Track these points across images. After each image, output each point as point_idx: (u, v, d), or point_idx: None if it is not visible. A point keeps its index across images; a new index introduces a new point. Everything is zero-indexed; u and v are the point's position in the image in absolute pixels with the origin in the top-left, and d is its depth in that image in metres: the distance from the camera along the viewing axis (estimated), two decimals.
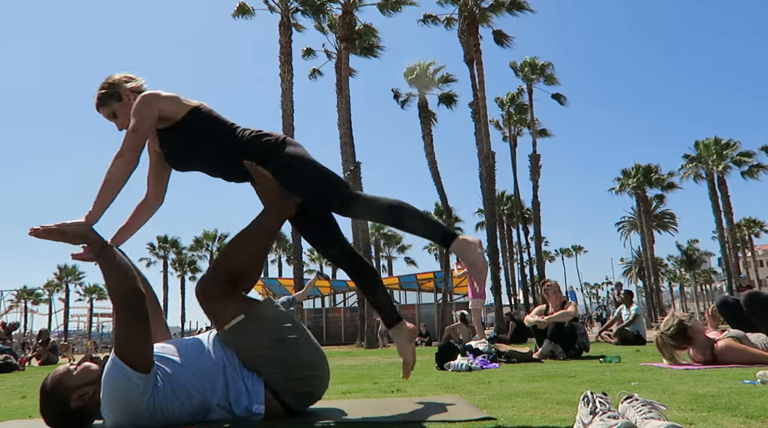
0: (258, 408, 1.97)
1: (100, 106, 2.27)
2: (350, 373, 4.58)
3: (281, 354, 2.00)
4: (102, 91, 2.26)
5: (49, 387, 1.95)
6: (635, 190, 38.15)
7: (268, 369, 2.00)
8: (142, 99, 2.13)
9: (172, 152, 2.22)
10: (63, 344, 16.50)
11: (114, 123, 2.28)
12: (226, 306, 2.01)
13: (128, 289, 1.92)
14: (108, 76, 2.28)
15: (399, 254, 49.62)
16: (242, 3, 19.23)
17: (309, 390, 2.11)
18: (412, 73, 21.32)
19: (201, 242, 45.23)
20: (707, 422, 1.71)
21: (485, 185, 18.97)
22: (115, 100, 2.24)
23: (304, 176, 2.14)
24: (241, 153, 2.15)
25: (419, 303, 24.63)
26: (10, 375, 7.42)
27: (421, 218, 2.17)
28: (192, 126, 2.17)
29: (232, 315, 1.99)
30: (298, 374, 2.03)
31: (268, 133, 2.20)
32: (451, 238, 2.14)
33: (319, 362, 2.12)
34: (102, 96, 2.26)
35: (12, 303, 51.29)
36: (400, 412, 2.12)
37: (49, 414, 1.95)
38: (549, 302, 5.88)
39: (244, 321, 1.99)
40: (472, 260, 2.12)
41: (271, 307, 2.09)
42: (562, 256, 66.91)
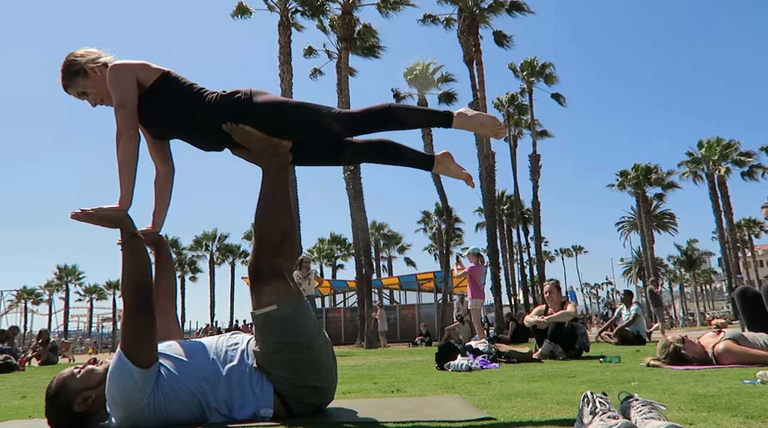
0: (266, 412, 1.95)
1: (67, 86, 2.21)
2: (350, 373, 4.58)
3: (299, 357, 1.98)
4: (67, 68, 2.19)
5: (53, 391, 1.96)
6: (635, 190, 38.16)
7: (280, 372, 1.98)
8: (115, 71, 2.10)
9: (149, 119, 2.17)
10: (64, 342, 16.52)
11: (86, 100, 2.23)
12: (268, 291, 2.00)
13: (140, 282, 1.94)
14: (68, 55, 2.21)
15: (399, 255, 49.64)
16: (241, 3, 19.23)
17: (317, 401, 2.10)
18: (412, 72, 21.32)
19: (201, 242, 45.22)
20: (707, 422, 1.71)
21: (485, 185, 18.98)
22: (81, 76, 2.18)
23: (285, 117, 2.10)
24: (214, 114, 2.11)
25: (419, 303, 24.61)
26: (10, 375, 7.42)
27: (415, 109, 2.22)
28: (163, 91, 2.13)
29: (267, 302, 1.99)
30: (311, 382, 2.02)
31: (236, 89, 2.16)
32: (449, 117, 2.15)
33: (331, 373, 2.11)
34: (67, 75, 2.19)
35: (12, 303, 51.31)
36: (400, 412, 2.12)
37: (53, 417, 1.96)
38: (549, 302, 5.88)
39: (274, 312, 1.97)
40: (478, 122, 2.15)
41: (304, 308, 2.06)
42: (562, 256, 66.88)
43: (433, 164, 2.32)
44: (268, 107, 2.11)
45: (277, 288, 2.01)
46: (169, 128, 2.23)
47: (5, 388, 4.85)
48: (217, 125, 2.12)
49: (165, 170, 2.36)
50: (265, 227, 2.08)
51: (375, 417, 2.03)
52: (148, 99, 2.13)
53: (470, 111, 2.16)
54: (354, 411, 2.16)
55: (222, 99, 2.12)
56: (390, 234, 47.85)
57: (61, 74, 2.21)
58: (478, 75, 19.33)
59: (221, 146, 2.23)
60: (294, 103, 2.15)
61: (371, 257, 21.55)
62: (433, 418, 1.94)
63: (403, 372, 4.49)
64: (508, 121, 28.79)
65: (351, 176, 17.17)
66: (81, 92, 2.21)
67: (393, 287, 27.08)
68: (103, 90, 2.18)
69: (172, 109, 2.15)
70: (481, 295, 9.56)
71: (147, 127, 2.21)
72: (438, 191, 19.53)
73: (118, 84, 2.09)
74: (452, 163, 2.33)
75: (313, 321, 2.08)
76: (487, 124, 2.17)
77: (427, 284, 25.08)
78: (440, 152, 2.33)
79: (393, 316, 22.10)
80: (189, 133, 2.22)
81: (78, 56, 2.20)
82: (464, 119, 2.14)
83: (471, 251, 9.67)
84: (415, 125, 2.23)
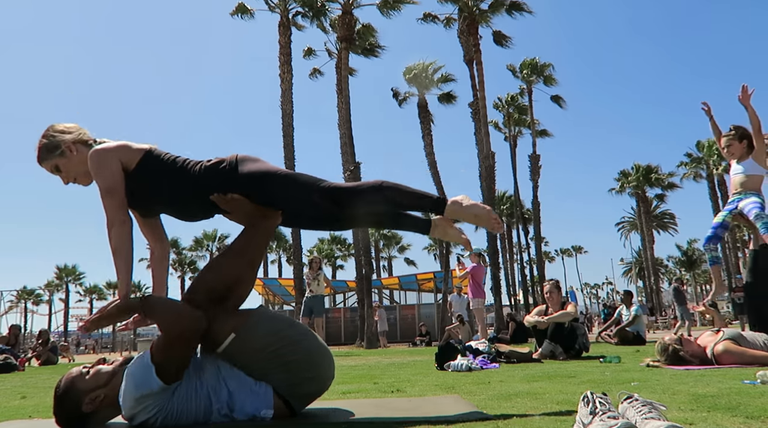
0: (267, 412, 1.96)
1: (42, 160, 2.17)
2: (350, 373, 4.58)
3: (288, 358, 1.99)
4: (42, 146, 2.16)
5: (62, 391, 1.97)
6: (635, 190, 38.17)
7: (277, 376, 1.99)
8: (97, 156, 2.08)
9: (135, 200, 2.15)
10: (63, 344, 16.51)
11: (59, 177, 2.20)
12: (217, 325, 1.96)
13: (180, 328, 1.89)
14: (48, 127, 2.19)
15: (399, 255, 49.69)
16: (241, 2, 19.24)
17: (317, 388, 2.12)
18: (411, 72, 21.32)
19: (201, 242, 45.26)
20: (707, 422, 1.71)
21: (485, 185, 18.98)
22: (58, 156, 2.15)
23: (272, 190, 2.08)
24: (199, 187, 2.09)
25: (419, 303, 24.64)
26: (10, 375, 7.42)
27: (407, 191, 2.10)
28: (147, 171, 2.12)
29: (225, 334, 1.96)
30: (308, 374, 2.03)
31: (221, 158, 2.13)
32: (442, 204, 2.10)
33: (324, 355, 2.10)
34: (43, 153, 2.16)
35: (12, 303, 51.33)
36: (400, 412, 2.12)
37: (61, 416, 1.97)
38: (549, 302, 5.88)
39: (237, 338, 1.96)
40: (473, 214, 2.09)
41: (265, 314, 2.06)
42: (562, 256, 66.92)
43: (430, 229, 2.22)
44: (254, 178, 2.08)
45: (223, 318, 1.99)
46: (157, 206, 2.23)
47: (5, 388, 4.85)
48: (203, 197, 2.10)
49: (160, 247, 2.36)
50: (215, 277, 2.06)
51: (375, 417, 2.03)
52: (132, 181, 2.11)
53: (466, 199, 2.10)
54: (353, 412, 2.16)
55: (206, 171, 2.10)
56: (390, 234, 47.87)
57: (37, 149, 2.17)
58: (478, 75, 19.35)
59: (211, 214, 2.22)
60: (282, 174, 2.11)
61: (371, 257, 21.57)
62: (433, 418, 1.94)
63: (403, 372, 4.49)
64: (508, 121, 28.80)
65: (351, 177, 17.17)
66: (54, 168, 2.18)
67: (393, 287, 27.11)
68: (78, 169, 2.17)
69: (157, 187, 2.13)
70: (482, 295, 9.57)
71: (134, 207, 2.20)
72: (438, 191, 19.51)
73: (102, 170, 2.07)
74: (450, 227, 2.21)
75: (278, 319, 2.08)
76: (483, 216, 2.09)
77: (427, 284, 25.11)
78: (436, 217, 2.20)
79: (393, 316, 22.11)
80: (177, 207, 2.22)
81: (57, 133, 2.17)
82: (458, 208, 2.09)
83: (472, 251, 9.68)
84: (404, 208, 2.17)
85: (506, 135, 28.99)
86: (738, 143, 4.51)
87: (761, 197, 4.39)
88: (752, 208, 4.29)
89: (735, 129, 4.57)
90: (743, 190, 4.43)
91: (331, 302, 26.23)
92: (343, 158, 17.60)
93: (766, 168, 4.49)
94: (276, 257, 46.00)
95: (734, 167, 4.56)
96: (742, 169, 4.49)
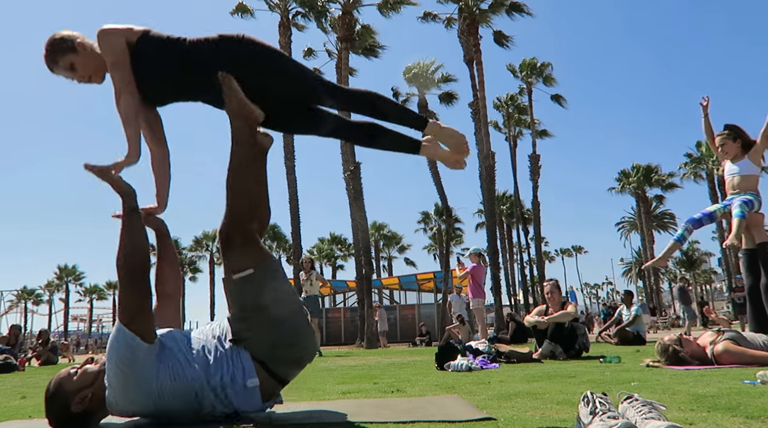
0: (252, 382, 1.96)
1: (55, 61, 2.20)
2: (350, 373, 4.58)
3: (275, 318, 2.00)
4: (54, 46, 2.19)
5: (51, 392, 1.98)
6: (635, 190, 38.16)
7: (256, 335, 1.99)
8: (104, 35, 2.13)
9: (141, 82, 2.17)
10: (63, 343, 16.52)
11: (71, 77, 2.24)
12: (241, 256, 2.01)
13: (135, 254, 1.96)
14: (52, 35, 2.22)
15: (399, 255, 49.63)
16: (241, 2, 19.24)
17: (299, 356, 2.10)
18: (411, 71, 21.31)
19: (201, 242, 45.21)
20: (707, 422, 1.71)
21: (485, 185, 18.97)
22: (71, 53, 2.19)
23: (270, 62, 2.11)
24: (213, 58, 2.09)
25: (419, 303, 24.62)
26: (10, 375, 7.42)
27: (396, 103, 2.24)
28: (149, 50, 2.15)
29: (244, 266, 1.99)
30: (288, 340, 2.03)
31: (228, 34, 2.14)
32: (424, 121, 2.21)
33: (308, 330, 2.12)
34: (57, 50, 2.19)
35: (12, 303, 51.33)
36: (400, 412, 2.12)
37: (52, 418, 1.99)
38: (550, 302, 5.89)
39: (252, 275, 1.99)
40: (449, 134, 2.19)
41: (277, 270, 2.08)
42: (562, 256, 66.88)
43: (419, 148, 2.24)
44: (251, 51, 2.11)
45: (251, 253, 2.03)
46: (165, 86, 2.23)
47: (5, 388, 4.85)
48: (191, 69, 2.13)
49: (160, 150, 2.37)
50: (235, 197, 2.08)
51: (375, 417, 2.03)
52: (138, 59, 2.15)
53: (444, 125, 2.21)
54: (354, 412, 2.16)
55: (222, 42, 2.11)
56: (390, 234, 47.84)
57: (46, 51, 2.20)
58: (478, 75, 19.33)
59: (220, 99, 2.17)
60: (280, 52, 2.19)
61: (371, 257, 21.55)
62: (433, 418, 1.94)
63: (403, 372, 4.49)
64: (508, 121, 28.79)
65: (351, 177, 17.17)
66: (70, 67, 2.21)
67: (393, 288, 27.09)
68: (92, 66, 2.21)
69: (150, 63, 2.16)
70: (482, 295, 9.57)
71: (142, 90, 2.20)
72: (438, 191, 19.52)
73: (108, 46, 2.13)
74: (438, 148, 2.23)
75: (287, 283, 2.11)
76: (456, 138, 2.19)
77: (427, 284, 25.09)
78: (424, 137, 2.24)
79: (393, 316, 22.10)
80: (187, 86, 2.22)
81: (65, 35, 2.21)
82: (437, 128, 2.19)
83: (472, 252, 9.68)
84: (390, 118, 2.23)
85: (506, 135, 29.01)
86: (732, 143, 4.50)
87: (757, 197, 4.39)
88: (741, 199, 4.31)
89: (729, 128, 4.56)
90: (739, 190, 4.44)
91: (331, 302, 26.23)
92: (342, 158, 17.59)
93: (760, 166, 4.50)
94: (276, 256, 45.94)
95: (729, 167, 4.55)
96: (737, 169, 4.48)
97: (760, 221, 4.45)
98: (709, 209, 4.57)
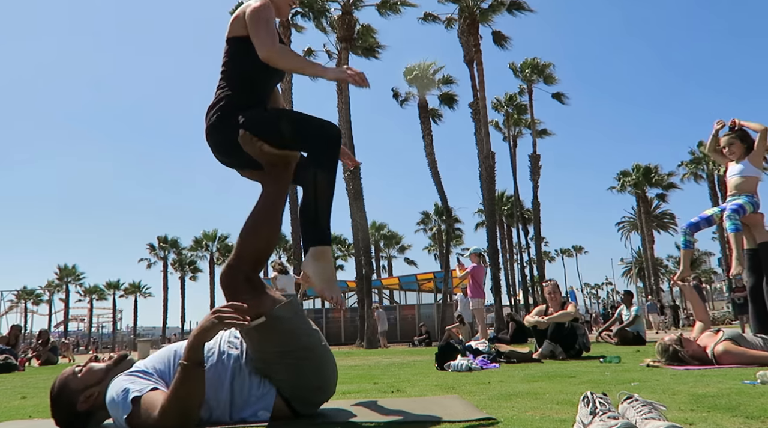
0: (264, 414, 1.94)
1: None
2: (350, 373, 4.58)
3: (299, 363, 1.96)
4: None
5: (56, 391, 1.97)
6: (635, 190, 38.16)
7: (281, 377, 1.96)
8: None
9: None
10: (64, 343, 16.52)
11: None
12: (252, 303, 1.89)
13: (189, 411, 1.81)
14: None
15: (399, 255, 49.63)
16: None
17: (321, 398, 2.10)
18: (411, 73, 21.30)
19: (201, 242, 45.20)
20: (707, 422, 1.71)
21: (485, 185, 18.97)
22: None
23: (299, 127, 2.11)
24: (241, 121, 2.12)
25: (419, 303, 24.61)
26: (10, 375, 7.42)
27: (325, 201, 2.08)
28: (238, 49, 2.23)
29: (255, 314, 1.89)
30: (313, 383, 2.00)
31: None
32: (306, 249, 2.08)
33: (332, 369, 2.09)
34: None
35: (12, 303, 51.32)
36: (400, 412, 2.12)
37: (58, 417, 1.98)
38: (551, 302, 5.89)
39: (265, 323, 1.90)
40: (314, 273, 2.04)
41: (293, 311, 1.99)
42: (562, 256, 66.82)
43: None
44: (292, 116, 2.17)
45: (260, 298, 1.96)
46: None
47: (5, 388, 4.85)
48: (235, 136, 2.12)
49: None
50: (257, 242, 2.06)
51: (375, 417, 2.03)
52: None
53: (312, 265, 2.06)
54: (354, 412, 2.16)
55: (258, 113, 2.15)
56: (390, 234, 47.85)
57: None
58: (478, 75, 19.33)
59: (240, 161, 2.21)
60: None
61: (371, 257, 21.55)
62: (433, 419, 1.94)
63: (403, 372, 4.49)
64: (508, 121, 28.78)
65: (351, 177, 17.17)
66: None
67: (393, 288, 27.07)
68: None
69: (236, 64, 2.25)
70: (482, 295, 9.57)
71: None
72: (438, 191, 19.53)
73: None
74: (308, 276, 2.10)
75: (304, 320, 2.06)
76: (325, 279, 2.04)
77: (427, 284, 25.07)
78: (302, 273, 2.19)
79: (393, 316, 22.09)
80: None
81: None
82: (307, 267, 2.07)
83: (473, 252, 9.68)
84: (315, 207, 2.08)
85: (506, 135, 28.99)
86: (740, 143, 4.53)
87: (753, 199, 4.40)
88: (730, 208, 4.35)
89: (736, 130, 4.59)
90: (738, 192, 4.45)
91: None
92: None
93: (761, 168, 4.51)
94: (276, 257, 45.99)
95: (732, 168, 4.57)
96: (738, 170, 4.50)
97: (760, 220, 4.46)
98: (706, 213, 4.61)
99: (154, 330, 62.34)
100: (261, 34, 2.11)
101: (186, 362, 1.79)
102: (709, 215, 4.57)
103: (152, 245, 45.30)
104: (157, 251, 45.36)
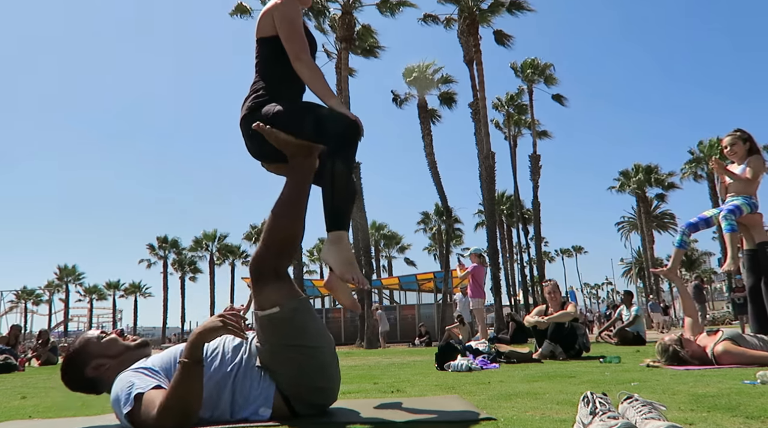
0: (265, 411, 1.93)
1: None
2: (350, 373, 4.58)
3: (304, 359, 1.96)
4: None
5: (73, 350, 2.02)
6: (635, 190, 38.16)
7: (285, 371, 1.96)
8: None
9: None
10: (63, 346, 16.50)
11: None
12: (271, 292, 1.96)
13: (188, 408, 1.79)
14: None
15: (399, 255, 49.64)
16: (240, 2, 19.24)
17: (321, 401, 2.08)
18: (411, 73, 21.28)
19: (201, 242, 45.18)
20: (707, 422, 1.71)
21: (485, 186, 18.96)
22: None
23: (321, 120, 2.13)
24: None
25: (419, 303, 24.63)
26: (10, 376, 7.42)
27: (344, 196, 2.11)
28: (270, 52, 2.30)
29: (271, 303, 1.94)
30: (316, 382, 2.00)
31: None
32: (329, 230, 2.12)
33: (336, 374, 2.10)
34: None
35: (12, 303, 51.34)
36: (400, 412, 2.12)
37: (66, 376, 2.02)
38: (551, 302, 5.89)
39: (278, 313, 1.94)
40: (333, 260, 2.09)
41: (307, 309, 2.04)
42: (562, 256, 66.92)
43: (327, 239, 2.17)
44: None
45: (280, 289, 1.98)
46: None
47: (5, 388, 4.85)
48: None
49: None
50: (281, 230, 2.07)
51: (374, 417, 2.03)
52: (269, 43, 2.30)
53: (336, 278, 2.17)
54: (355, 412, 2.15)
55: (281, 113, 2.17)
56: (390, 234, 47.85)
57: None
58: (478, 75, 19.32)
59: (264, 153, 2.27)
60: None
61: (371, 257, 21.55)
62: (433, 419, 1.94)
63: (403, 373, 4.49)
64: (508, 121, 28.78)
65: None
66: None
67: (393, 288, 27.08)
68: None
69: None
70: (482, 295, 9.58)
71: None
72: (438, 191, 19.52)
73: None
74: (337, 283, 2.23)
75: (318, 320, 2.07)
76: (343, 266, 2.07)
77: (427, 284, 25.09)
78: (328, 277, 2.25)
79: (393, 316, 22.09)
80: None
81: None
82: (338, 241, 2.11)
83: (473, 252, 9.68)
84: (328, 191, 2.12)
85: (506, 135, 28.99)
86: (742, 145, 4.53)
87: (751, 200, 4.40)
88: (726, 209, 4.36)
89: (740, 131, 4.59)
90: (736, 194, 4.46)
91: (331, 302, 26.19)
92: None
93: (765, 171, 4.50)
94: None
95: (732, 169, 4.57)
96: (738, 172, 4.50)
97: (760, 221, 4.47)
98: (705, 214, 4.62)
99: (154, 330, 62.33)
100: (289, 42, 2.22)
101: (186, 359, 1.79)
102: (708, 217, 4.58)
103: (152, 245, 45.33)
104: (157, 252, 45.37)
